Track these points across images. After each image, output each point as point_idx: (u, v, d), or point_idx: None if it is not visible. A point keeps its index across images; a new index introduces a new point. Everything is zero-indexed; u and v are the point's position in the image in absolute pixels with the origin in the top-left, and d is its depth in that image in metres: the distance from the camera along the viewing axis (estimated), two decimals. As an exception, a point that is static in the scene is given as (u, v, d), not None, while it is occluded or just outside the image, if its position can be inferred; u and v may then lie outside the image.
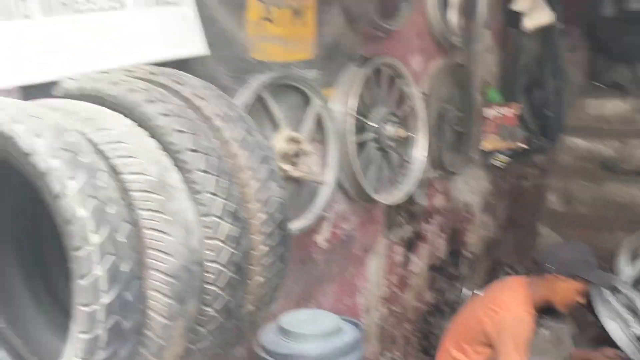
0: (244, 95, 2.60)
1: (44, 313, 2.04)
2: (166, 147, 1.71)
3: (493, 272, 5.07)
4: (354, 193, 3.38)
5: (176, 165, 1.70)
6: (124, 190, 1.57)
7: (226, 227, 1.73)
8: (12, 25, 1.80)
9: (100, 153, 1.58)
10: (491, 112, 4.86)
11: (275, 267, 1.90)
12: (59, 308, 1.98)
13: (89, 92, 1.81)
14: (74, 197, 1.43)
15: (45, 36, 1.87)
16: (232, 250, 1.74)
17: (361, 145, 3.37)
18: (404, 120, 3.67)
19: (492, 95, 4.96)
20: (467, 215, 5.00)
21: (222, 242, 1.72)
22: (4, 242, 1.99)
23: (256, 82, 2.65)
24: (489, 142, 4.89)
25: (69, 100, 1.79)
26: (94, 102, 1.78)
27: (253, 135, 1.88)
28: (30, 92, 1.89)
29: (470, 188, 4.97)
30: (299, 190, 2.96)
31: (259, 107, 2.71)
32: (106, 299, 1.45)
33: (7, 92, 1.83)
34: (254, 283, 1.87)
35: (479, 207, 5.15)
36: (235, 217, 1.75)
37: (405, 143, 3.69)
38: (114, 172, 1.57)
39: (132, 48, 2.07)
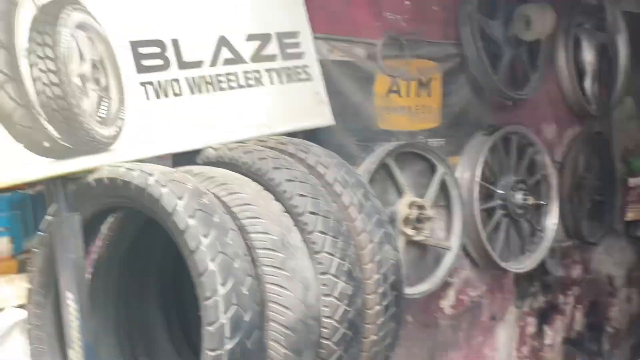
0: (369, 163, 2.76)
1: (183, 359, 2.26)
2: (289, 210, 1.89)
3: (638, 350, 4.75)
4: (481, 260, 3.39)
5: (297, 227, 1.87)
6: (250, 248, 1.75)
7: (342, 286, 1.86)
8: (166, 102, 2.09)
9: (231, 214, 1.78)
10: (636, 182, 4.66)
11: (389, 326, 1.99)
12: (194, 355, 2.18)
13: (226, 159, 2.04)
14: (206, 252, 1.63)
15: (192, 111, 2.13)
16: (347, 308, 1.86)
17: (488, 213, 3.39)
18: (536, 189, 3.64)
19: (637, 164, 4.76)
20: (609, 288, 4.75)
21: (338, 299, 1.85)
22: (151, 295, 2.25)
23: (381, 151, 2.80)
24: (634, 213, 4.67)
25: (208, 167, 2.02)
26: (230, 169, 2.01)
27: (370, 200, 2.02)
28: (179, 159, 2.17)
29: (613, 260, 4.74)
30: (423, 254, 3.03)
31: (384, 174, 2.85)
32: (229, 345, 1.62)
33: (161, 159, 2.11)
34: (367, 341, 1.97)
35: (623, 280, 4.88)
36: (351, 276, 1.88)
37: (536, 211, 3.65)
38: (242, 231, 1.76)
39: (266, 120, 2.29)
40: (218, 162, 2.07)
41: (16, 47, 1.79)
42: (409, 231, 2.83)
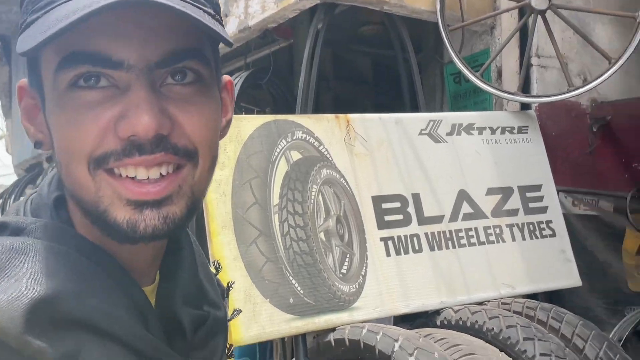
0: (622, 330, 2.43)
1: None
2: (545, 389, 1.66)
3: None
4: None
5: (556, 410, 1.63)
6: None
7: None
8: (405, 258, 2.02)
9: (480, 390, 1.60)
10: None
11: None
12: None
13: (467, 323, 1.89)
14: None
15: (431, 268, 2.04)
16: None
17: None
18: None
19: None
20: None
21: None
22: None
23: (634, 316, 2.47)
24: None
25: (449, 331, 1.88)
26: (472, 334, 1.85)
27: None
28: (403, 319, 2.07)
29: None
30: None
31: (635, 342, 2.49)
32: None
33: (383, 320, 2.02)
34: None
35: None
36: None
37: None
38: (494, 411, 1.57)
39: (508, 280, 2.12)
40: (459, 326, 1.92)
41: (269, 204, 1.85)
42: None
